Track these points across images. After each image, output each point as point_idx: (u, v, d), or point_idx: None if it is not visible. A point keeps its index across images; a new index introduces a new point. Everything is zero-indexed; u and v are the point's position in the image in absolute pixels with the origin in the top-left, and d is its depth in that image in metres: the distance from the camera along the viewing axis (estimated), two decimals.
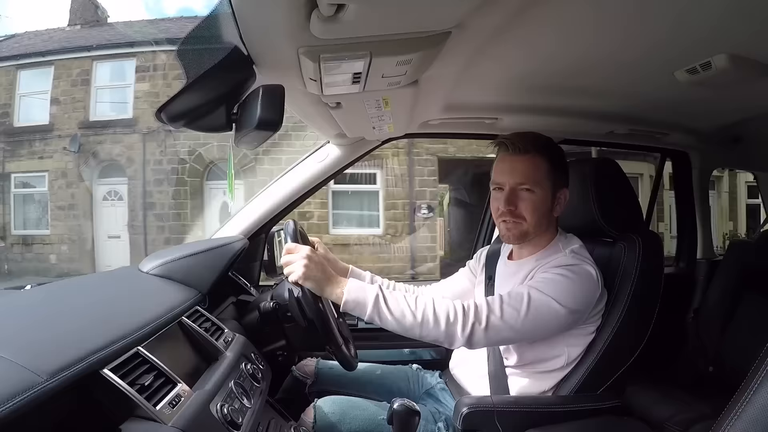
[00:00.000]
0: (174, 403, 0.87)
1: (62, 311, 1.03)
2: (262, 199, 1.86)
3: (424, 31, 0.95)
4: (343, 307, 1.16)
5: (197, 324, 1.20)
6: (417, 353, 2.00)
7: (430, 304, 1.15)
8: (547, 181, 1.27)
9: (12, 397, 0.64)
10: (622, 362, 1.31)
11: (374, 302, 1.14)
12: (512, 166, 1.28)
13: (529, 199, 1.26)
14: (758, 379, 0.59)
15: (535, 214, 1.27)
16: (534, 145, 1.27)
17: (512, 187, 1.27)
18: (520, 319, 1.15)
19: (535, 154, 1.27)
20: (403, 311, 1.14)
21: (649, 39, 1.14)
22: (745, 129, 2.02)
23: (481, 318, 1.14)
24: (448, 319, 1.14)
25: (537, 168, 1.26)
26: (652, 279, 1.31)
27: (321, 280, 1.17)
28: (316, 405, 1.30)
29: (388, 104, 1.37)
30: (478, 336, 1.14)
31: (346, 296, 1.15)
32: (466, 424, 1.22)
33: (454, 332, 1.13)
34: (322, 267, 1.18)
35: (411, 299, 1.16)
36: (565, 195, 1.31)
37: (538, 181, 1.26)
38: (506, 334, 1.17)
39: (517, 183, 1.27)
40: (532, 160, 1.27)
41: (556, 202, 1.30)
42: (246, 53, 1.00)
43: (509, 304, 1.16)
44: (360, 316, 1.17)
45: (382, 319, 1.15)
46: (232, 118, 1.06)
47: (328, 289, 1.17)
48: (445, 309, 1.15)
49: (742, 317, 2.06)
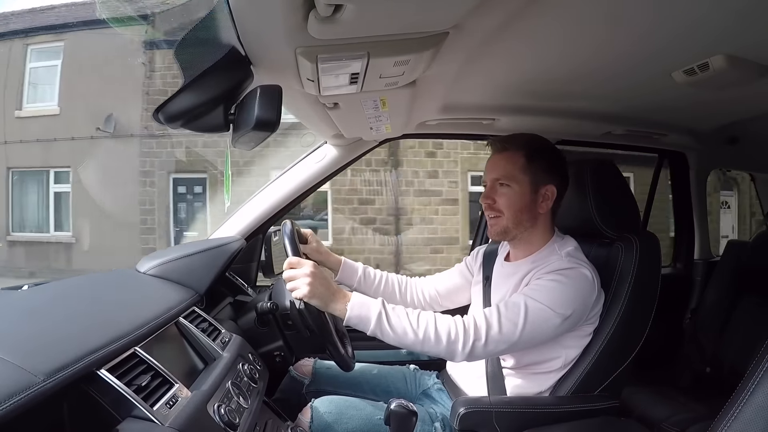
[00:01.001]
0: (171, 403, 0.87)
1: (60, 311, 1.03)
2: (259, 200, 1.86)
3: (421, 31, 0.95)
4: (346, 322, 1.17)
5: (194, 324, 1.20)
6: (414, 354, 2.00)
7: (432, 322, 1.16)
8: (523, 175, 1.29)
9: (9, 397, 0.64)
10: (620, 363, 1.31)
11: (377, 319, 1.15)
12: (492, 163, 1.35)
13: (505, 194, 1.31)
14: (755, 380, 0.59)
15: (512, 208, 1.30)
16: (512, 142, 1.33)
17: (491, 183, 1.33)
18: (517, 332, 1.17)
19: (513, 150, 1.32)
20: (405, 328, 1.15)
21: (646, 40, 1.14)
22: (743, 130, 2.02)
23: (481, 335, 1.16)
24: (449, 337, 1.15)
25: (513, 163, 1.30)
26: (650, 280, 1.32)
27: (325, 297, 1.17)
28: (313, 405, 1.30)
29: (386, 105, 1.37)
30: (478, 351, 1.16)
31: (350, 312, 1.16)
32: (463, 425, 1.22)
33: (455, 350, 1.15)
34: (326, 283, 1.19)
35: (413, 315, 1.17)
36: (552, 192, 1.31)
37: (513, 175, 1.30)
38: (505, 347, 1.19)
39: (495, 178, 1.32)
40: (509, 157, 1.32)
41: (541, 199, 1.31)
42: (243, 53, 1.00)
43: (507, 317, 1.18)
44: (362, 331, 1.18)
45: (384, 335, 1.16)
46: (229, 119, 1.06)
47: (331, 305, 1.18)
48: (446, 326, 1.16)
49: (740, 318, 2.06)
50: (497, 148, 1.34)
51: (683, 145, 2.29)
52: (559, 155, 1.36)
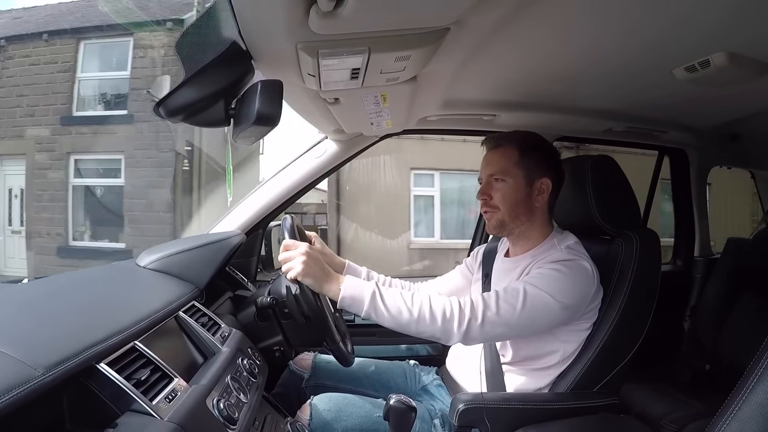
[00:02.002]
0: (170, 397, 0.87)
1: (59, 305, 1.03)
2: (259, 195, 1.86)
3: (422, 27, 0.95)
4: (340, 303, 1.16)
5: (194, 319, 1.20)
6: (413, 349, 2.01)
7: (426, 301, 1.16)
8: (517, 169, 1.31)
9: (8, 390, 0.64)
10: (619, 360, 1.31)
11: (371, 299, 1.15)
12: (487, 160, 1.37)
13: (500, 189, 1.32)
14: (755, 378, 0.59)
15: (507, 202, 1.32)
16: (505, 138, 1.35)
17: (486, 179, 1.35)
18: (515, 315, 1.16)
19: (506, 146, 1.34)
20: (399, 308, 1.15)
21: (647, 37, 1.14)
22: (744, 127, 2.02)
23: (477, 314, 1.15)
24: (444, 315, 1.14)
25: (507, 158, 1.32)
26: (650, 277, 1.32)
27: (319, 277, 1.17)
28: (312, 402, 1.31)
29: (387, 100, 1.36)
30: (474, 332, 1.15)
31: (343, 293, 1.16)
32: (462, 421, 1.22)
33: (451, 328, 1.14)
34: (320, 264, 1.19)
35: (407, 296, 1.17)
36: (546, 185, 1.32)
37: (507, 170, 1.32)
38: (502, 330, 1.18)
39: (489, 174, 1.34)
40: (502, 152, 1.34)
41: (536, 192, 1.32)
42: (245, 48, 0.99)
43: (505, 299, 1.17)
44: (357, 313, 1.17)
45: (379, 315, 1.15)
46: (230, 113, 1.06)
47: (325, 285, 1.18)
48: (441, 305, 1.16)
49: (739, 315, 2.06)
50: (491, 145, 1.36)
51: (684, 142, 2.29)
52: (552, 149, 1.38)
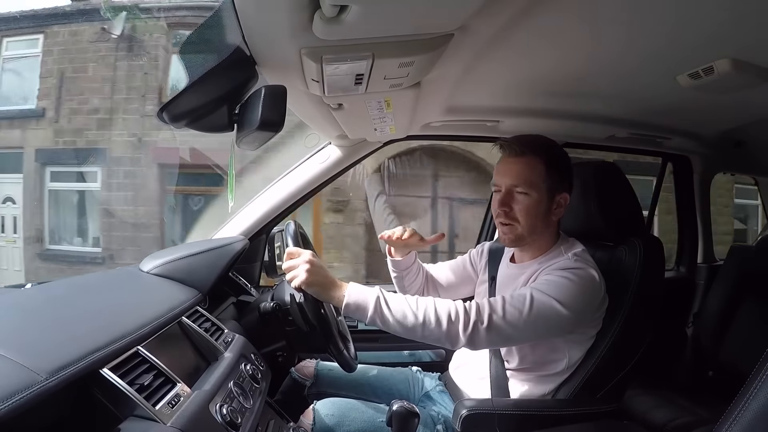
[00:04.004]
0: (173, 403, 0.87)
1: (62, 310, 1.03)
2: (263, 200, 1.86)
3: (426, 33, 0.95)
4: (344, 310, 1.15)
5: (197, 324, 1.20)
6: (416, 355, 2.00)
7: (432, 305, 1.14)
8: (542, 183, 1.25)
9: (11, 395, 0.64)
10: (622, 366, 1.30)
11: (375, 305, 1.13)
12: (508, 168, 1.28)
13: (523, 202, 1.26)
14: (758, 384, 0.59)
15: (529, 217, 1.26)
16: (531, 147, 1.27)
17: (507, 189, 1.28)
18: (522, 320, 1.14)
19: (532, 156, 1.26)
20: (404, 312, 1.13)
21: (651, 43, 1.14)
22: (747, 133, 2.02)
23: (483, 317, 1.13)
24: (449, 318, 1.12)
25: (532, 170, 1.25)
26: (653, 283, 1.31)
27: (323, 285, 1.16)
28: (315, 407, 1.30)
29: (390, 106, 1.37)
30: (480, 336, 1.13)
31: (347, 300, 1.14)
32: (465, 427, 1.22)
33: (456, 332, 1.12)
34: (323, 271, 1.17)
35: (412, 300, 1.15)
36: (565, 199, 1.29)
37: (532, 183, 1.25)
38: (508, 335, 1.15)
39: (512, 184, 1.27)
40: (528, 162, 1.26)
41: (555, 206, 1.28)
42: (248, 53, 1.00)
43: (511, 304, 1.15)
44: (361, 320, 1.16)
45: (384, 321, 1.13)
46: (233, 119, 1.06)
47: (329, 293, 1.16)
48: (447, 309, 1.13)
49: (743, 322, 2.05)
50: (514, 152, 1.27)
51: (687, 148, 2.29)
52: (570, 161, 1.33)
